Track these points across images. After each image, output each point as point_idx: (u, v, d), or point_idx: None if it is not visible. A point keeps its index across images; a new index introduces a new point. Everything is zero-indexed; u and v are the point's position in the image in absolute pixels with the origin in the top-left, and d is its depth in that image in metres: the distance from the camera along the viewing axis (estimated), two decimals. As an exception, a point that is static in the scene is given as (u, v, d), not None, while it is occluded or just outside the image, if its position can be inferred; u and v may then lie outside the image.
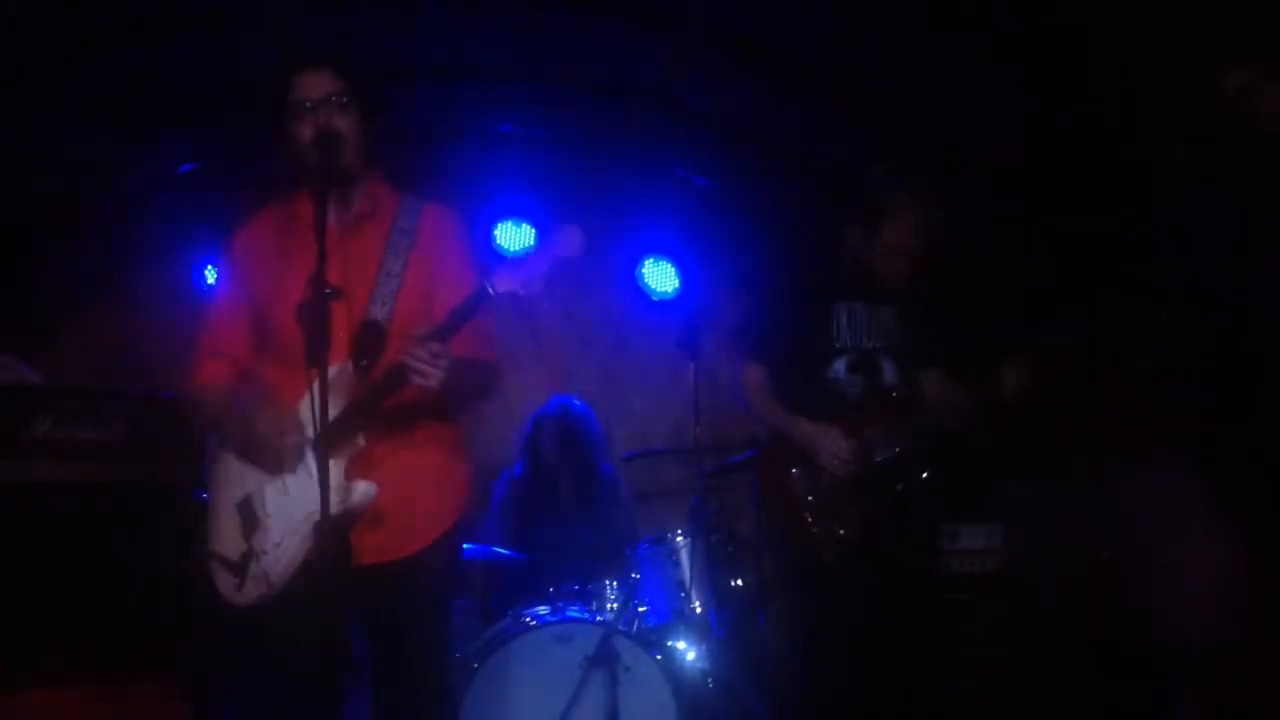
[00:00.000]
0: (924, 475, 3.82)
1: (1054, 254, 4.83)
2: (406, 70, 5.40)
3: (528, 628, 4.43)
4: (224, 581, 3.02)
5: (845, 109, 5.34)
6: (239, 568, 2.98)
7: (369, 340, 3.00)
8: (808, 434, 3.82)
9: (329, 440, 2.69)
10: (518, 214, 6.40)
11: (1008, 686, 4.75)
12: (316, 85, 3.05)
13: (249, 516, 3.02)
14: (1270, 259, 3.43)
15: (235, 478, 3.07)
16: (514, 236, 6.38)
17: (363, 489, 2.92)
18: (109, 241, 5.58)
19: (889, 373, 3.90)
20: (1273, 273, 3.42)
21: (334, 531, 2.70)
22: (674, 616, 4.82)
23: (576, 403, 5.69)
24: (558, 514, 5.44)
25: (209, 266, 5.66)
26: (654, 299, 6.71)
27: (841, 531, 3.72)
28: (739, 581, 5.00)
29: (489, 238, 6.35)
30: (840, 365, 3.89)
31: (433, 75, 5.53)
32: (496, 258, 3.05)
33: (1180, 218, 3.73)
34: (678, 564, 4.87)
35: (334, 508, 2.77)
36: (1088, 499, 4.74)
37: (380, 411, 2.96)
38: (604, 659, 4.32)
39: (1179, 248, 3.74)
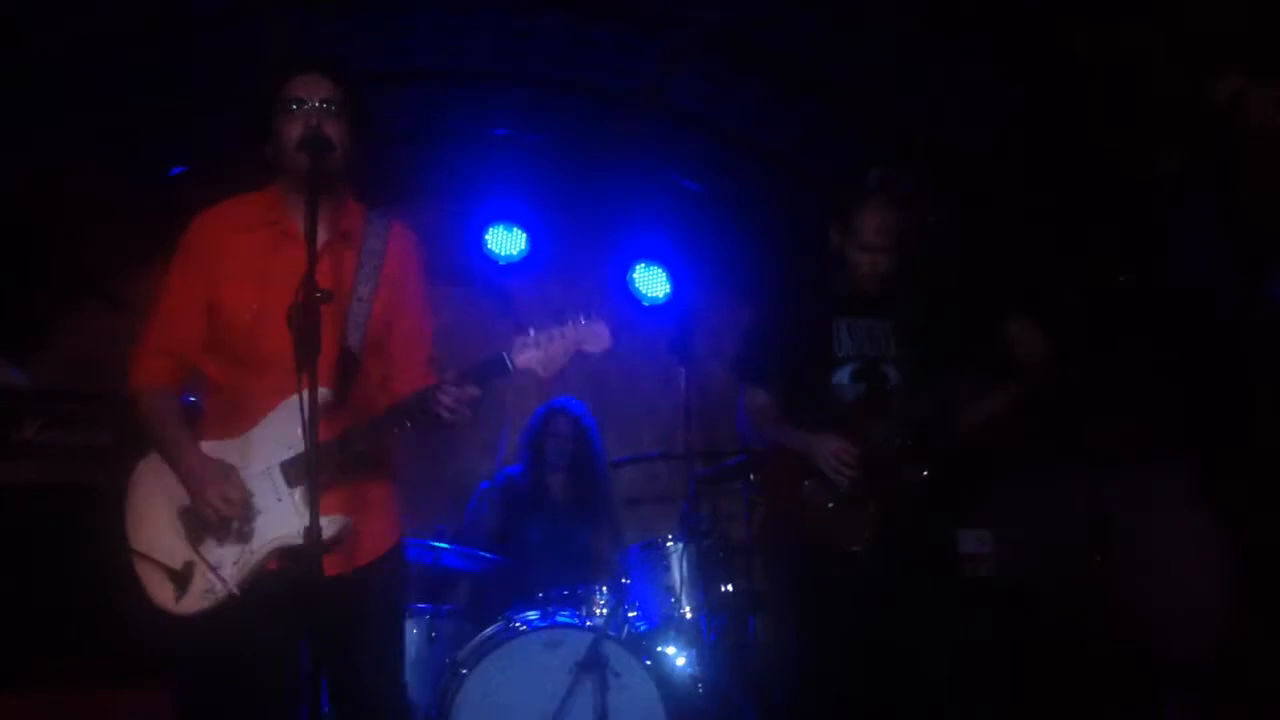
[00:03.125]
0: (925, 473, 3.80)
1: (1050, 259, 4.84)
2: (401, 73, 5.40)
3: (517, 633, 4.42)
4: (159, 588, 2.94)
5: (838, 113, 5.35)
6: (181, 577, 2.92)
7: (346, 368, 3.00)
8: (806, 441, 3.81)
9: (317, 457, 2.61)
10: (509, 217, 6.40)
11: (999, 691, 4.75)
12: (310, 88, 3.04)
13: (195, 526, 2.96)
14: (1261, 260, 3.45)
15: (176, 480, 3.00)
16: (505, 241, 6.39)
17: (341, 523, 2.92)
18: (99, 243, 5.56)
19: (894, 379, 3.90)
20: (1263, 274, 3.44)
21: (313, 557, 2.64)
22: (664, 622, 4.81)
23: (577, 406, 5.67)
24: (549, 515, 5.43)
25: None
26: (645, 304, 6.71)
27: (867, 533, 3.69)
28: (729, 587, 5.00)
29: (480, 241, 6.36)
30: (844, 374, 3.88)
31: (426, 78, 5.52)
32: (520, 329, 3.04)
33: (1172, 220, 3.74)
34: (668, 569, 4.86)
35: (301, 538, 2.70)
36: (1079, 502, 4.75)
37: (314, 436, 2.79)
38: (593, 664, 4.31)
39: (1171, 250, 3.75)
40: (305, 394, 2.55)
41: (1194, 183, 3.62)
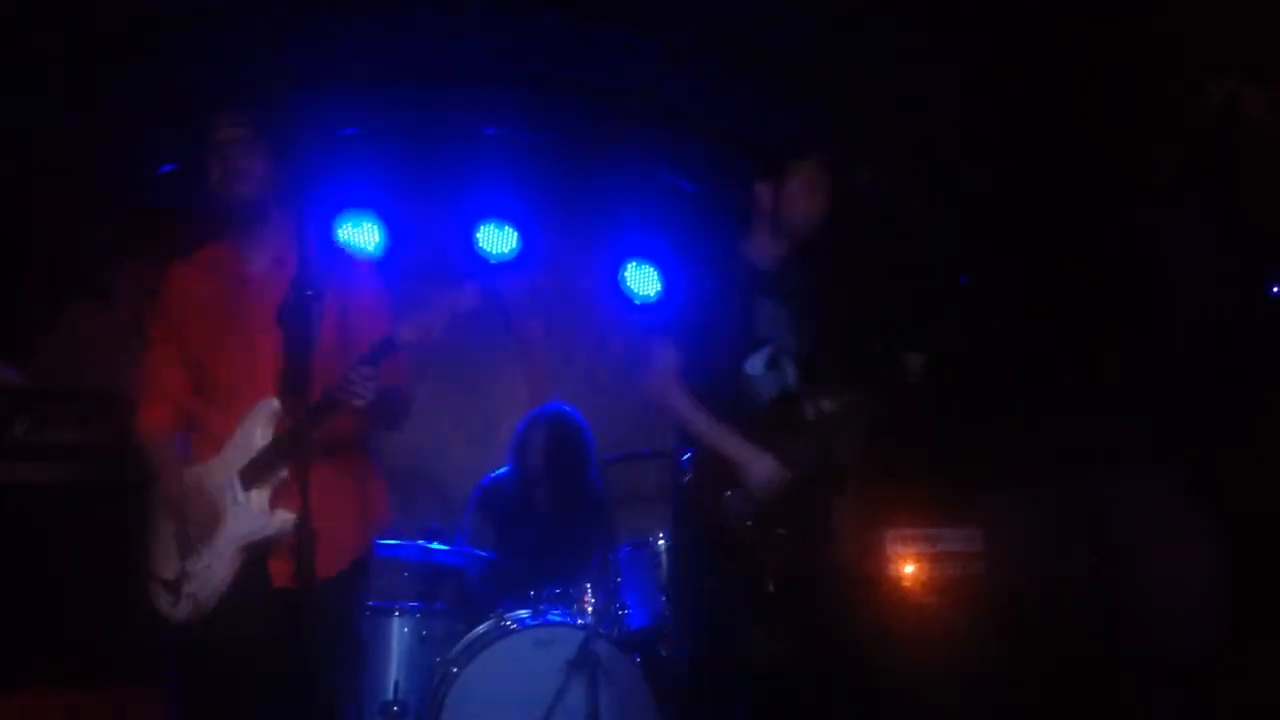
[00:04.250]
0: (843, 481, 3.76)
1: (1044, 261, 4.84)
2: (393, 71, 5.39)
3: (508, 631, 4.42)
4: (161, 599, 3.28)
5: (834, 113, 5.35)
6: (174, 587, 3.25)
7: (295, 380, 3.09)
8: (740, 455, 3.66)
9: (304, 454, 2.83)
10: (500, 215, 6.39)
11: (990, 691, 4.76)
12: (226, 128, 3.30)
13: (184, 541, 3.28)
14: (1261, 260, 3.46)
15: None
16: (496, 239, 6.38)
17: (281, 517, 3.18)
18: (90, 241, 5.55)
19: (791, 376, 3.82)
20: (1263, 274, 3.45)
21: (258, 556, 3.09)
22: (655, 620, 4.80)
23: (573, 412, 5.63)
24: (536, 520, 5.41)
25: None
26: (636, 302, 6.70)
27: (778, 549, 3.63)
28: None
29: (471, 239, 6.35)
30: (758, 360, 3.79)
31: (418, 76, 5.52)
32: (404, 306, 3.34)
33: (1172, 220, 3.75)
34: (659, 567, 4.85)
35: (258, 534, 3.17)
36: (1076, 501, 4.75)
37: (305, 444, 3.04)
38: (585, 662, 4.30)
39: (1167, 251, 3.76)
40: (275, 401, 3.06)
41: (1194, 183, 3.62)
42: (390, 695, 4.50)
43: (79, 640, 3.99)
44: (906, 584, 5.25)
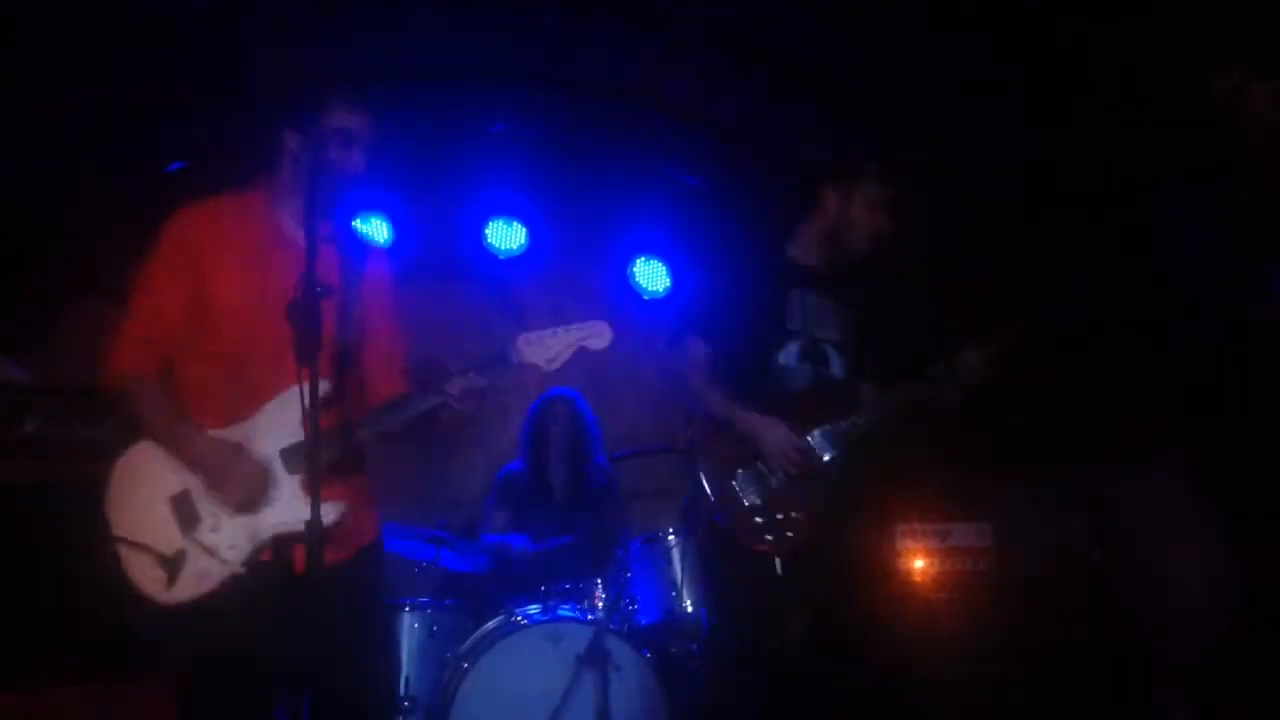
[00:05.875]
0: (866, 470, 3.72)
1: (1044, 259, 4.83)
2: (399, 69, 5.39)
3: (519, 626, 4.43)
4: (147, 576, 2.91)
5: (836, 109, 5.35)
6: (172, 564, 2.89)
7: (343, 361, 3.05)
8: (754, 424, 3.64)
9: (317, 450, 2.60)
10: (509, 212, 6.39)
11: (996, 685, 4.76)
12: (347, 118, 3.09)
13: (187, 512, 2.94)
14: (1261, 260, 3.44)
15: (166, 469, 2.99)
16: (505, 235, 6.38)
17: (339, 509, 2.92)
18: (97, 239, 5.56)
19: (836, 366, 3.81)
20: (1264, 273, 3.43)
21: (317, 544, 2.64)
22: (665, 615, 4.79)
23: (574, 394, 5.67)
24: (552, 506, 5.43)
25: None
26: (645, 298, 6.70)
27: (790, 534, 3.61)
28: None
29: (480, 235, 6.35)
30: (792, 350, 3.78)
31: (424, 74, 5.52)
32: (524, 327, 3.18)
33: (1172, 220, 3.73)
34: (669, 562, 4.84)
35: (297, 525, 2.70)
36: (1078, 498, 4.74)
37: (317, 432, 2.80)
38: (595, 658, 4.32)
39: (1168, 248, 3.74)
40: (305, 386, 2.53)
41: (1195, 181, 3.60)
42: (401, 690, 4.52)
43: (82, 636, 4.00)
44: (916, 578, 5.26)
